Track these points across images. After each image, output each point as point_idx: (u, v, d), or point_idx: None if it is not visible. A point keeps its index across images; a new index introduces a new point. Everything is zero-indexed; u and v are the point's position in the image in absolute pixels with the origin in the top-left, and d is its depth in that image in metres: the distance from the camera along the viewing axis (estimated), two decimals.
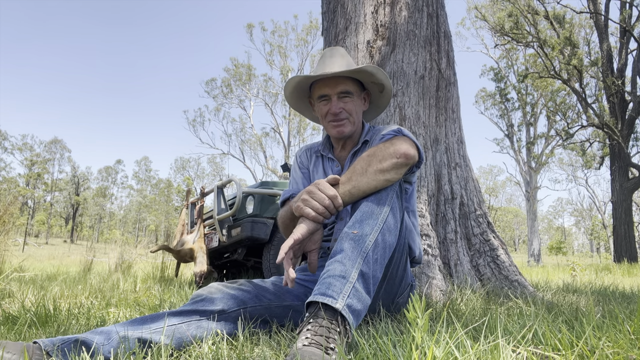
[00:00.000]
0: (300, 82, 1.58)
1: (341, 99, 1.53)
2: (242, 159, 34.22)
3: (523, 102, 25.03)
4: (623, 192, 15.63)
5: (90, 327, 1.50)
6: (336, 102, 1.53)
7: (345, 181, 1.27)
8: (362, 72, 1.53)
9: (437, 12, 3.09)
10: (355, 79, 1.57)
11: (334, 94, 1.52)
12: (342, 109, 1.53)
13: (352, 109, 1.54)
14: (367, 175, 1.26)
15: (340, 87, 1.52)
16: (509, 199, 62.21)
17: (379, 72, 1.53)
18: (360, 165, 1.29)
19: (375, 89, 1.61)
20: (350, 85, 1.54)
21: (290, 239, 1.20)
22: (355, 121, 1.56)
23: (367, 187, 1.26)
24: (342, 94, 1.52)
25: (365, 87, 1.62)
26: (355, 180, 1.26)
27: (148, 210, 60.35)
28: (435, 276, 2.30)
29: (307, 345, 0.95)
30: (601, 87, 18.31)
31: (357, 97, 1.56)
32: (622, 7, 16.57)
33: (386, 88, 1.59)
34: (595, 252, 52.62)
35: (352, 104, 1.54)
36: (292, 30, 32.12)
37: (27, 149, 52.38)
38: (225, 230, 4.05)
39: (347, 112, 1.53)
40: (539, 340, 1.09)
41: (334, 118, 1.53)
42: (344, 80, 1.53)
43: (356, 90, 1.56)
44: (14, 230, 3.92)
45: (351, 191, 1.26)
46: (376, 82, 1.57)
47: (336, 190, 1.26)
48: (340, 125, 1.54)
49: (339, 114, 1.53)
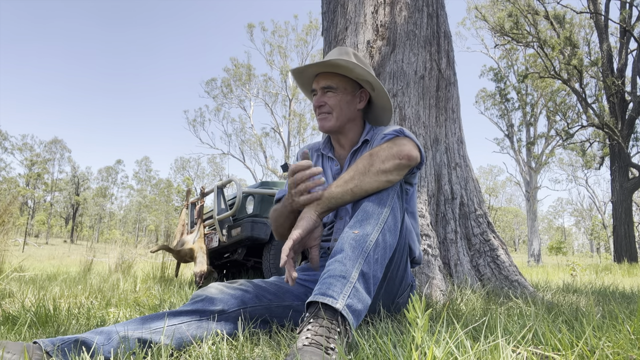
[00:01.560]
0: (296, 75, 1.62)
1: (325, 94, 1.55)
2: (242, 159, 34.23)
3: (523, 102, 25.02)
4: (623, 192, 15.63)
5: (90, 327, 1.50)
6: (319, 96, 1.56)
7: (348, 179, 1.28)
8: (340, 67, 1.51)
9: (437, 12, 3.09)
10: (347, 75, 1.56)
11: (319, 88, 1.56)
12: (325, 102, 1.54)
13: (336, 103, 1.54)
14: (369, 174, 1.27)
15: (323, 82, 1.55)
16: (509, 199, 62.24)
17: (357, 68, 1.50)
18: (362, 165, 1.29)
19: (368, 87, 1.59)
20: (335, 81, 1.54)
21: (290, 240, 1.21)
22: (339, 116, 1.55)
23: (370, 187, 1.26)
24: (325, 88, 1.55)
25: (363, 86, 1.61)
26: (357, 179, 1.27)
27: (148, 210, 60.34)
28: (435, 276, 2.30)
29: (307, 345, 0.95)
30: (601, 87, 18.31)
31: (343, 93, 1.55)
32: (622, 7, 16.57)
33: (375, 86, 1.57)
34: (595, 252, 52.61)
35: (336, 98, 1.54)
36: (292, 31, 32.13)
37: (27, 149, 52.38)
38: (225, 230, 4.05)
39: (330, 106, 1.54)
40: (539, 340, 1.09)
41: (317, 111, 1.57)
42: (330, 75, 1.55)
43: (343, 85, 1.55)
44: (14, 230, 3.92)
45: (353, 190, 1.27)
46: (357, 78, 1.56)
47: (336, 183, 1.29)
48: (322, 119, 1.56)
49: (320, 107, 1.56)
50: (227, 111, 73.74)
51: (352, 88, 1.58)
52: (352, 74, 1.55)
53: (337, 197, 1.27)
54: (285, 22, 34.93)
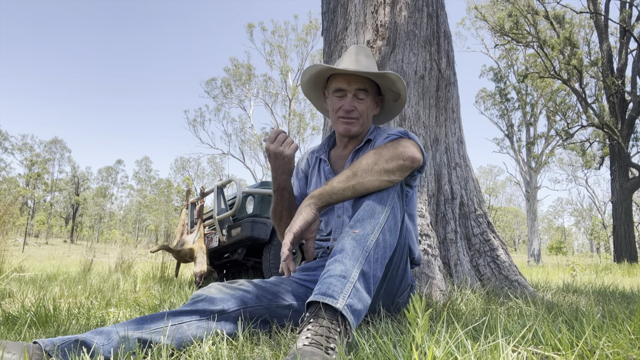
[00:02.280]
0: (322, 71, 1.57)
1: (356, 97, 1.53)
2: (242, 159, 34.23)
3: (523, 102, 25.03)
4: (623, 192, 15.63)
5: (90, 327, 1.50)
6: (351, 100, 1.52)
7: (350, 176, 1.28)
8: (384, 78, 1.52)
9: (437, 12, 3.09)
10: (374, 82, 1.56)
11: (351, 90, 1.52)
12: (355, 107, 1.53)
13: (365, 110, 1.54)
14: (372, 173, 1.27)
15: (357, 85, 1.52)
16: (509, 199, 62.24)
17: (400, 82, 1.52)
18: (366, 162, 1.29)
19: (391, 97, 1.61)
20: (368, 86, 1.54)
21: (290, 234, 1.23)
22: (364, 122, 1.56)
23: (371, 185, 1.27)
24: (359, 91, 1.52)
25: (381, 92, 1.62)
26: (360, 177, 1.27)
27: (148, 210, 60.34)
28: (435, 276, 2.30)
29: (307, 345, 0.95)
30: (601, 87, 18.31)
31: (371, 100, 1.56)
32: (622, 7, 16.57)
33: (401, 98, 1.59)
34: (595, 252, 52.61)
35: (365, 105, 1.54)
36: (292, 30, 32.14)
37: (27, 149, 52.38)
38: (225, 230, 4.05)
39: (358, 112, 1.53)
40: (539, 340, 1.09)
41: (345, 115, 1.53)
42: (364, 79, 1.53)
43: (372, 91, 1.56)
44: (14, 230, 3.92)
45: (355, 187, 1.27)
46: (395, 90, 1.57)
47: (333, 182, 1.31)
48: (349, 123, 1.54)
49: (351, 111, 1.53)
50: (227, 111, 73.77)
51: (374, 94, 1.59)
52: (393, 87, 1.56)
53: (338, 192, 1.28)
54: (285, 22, 34.97)
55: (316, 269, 1.53)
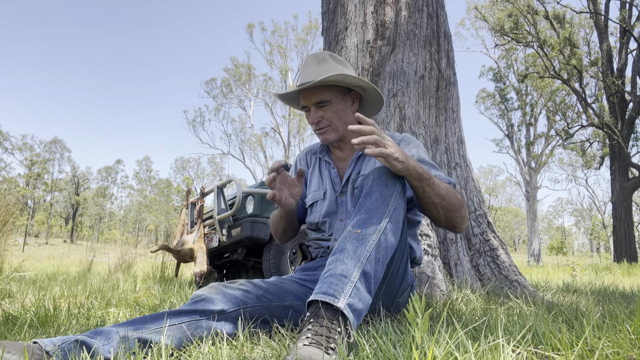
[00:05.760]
0: (287, 96, 1.61)
1: (319, 108, 1.53)
2: (242, 159, 34.24)
3: (523, 102, 25.02)
4: (623, 192, 15.63)
5: (90, 327, 1.50)
6: (314, 112, 1.54)
7: (444, 195, 1.33)
8: (334, 80, 1.49)
9: (437, 12, 3.09)
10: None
11: (311, 104, 1.53)
12: (322, 117, 1.54)
13: (332, 116, 1.54)
14: (454, 211, 1.36)
15: (315, 98, 1.52)
16: (509, 199, 62.21)
17: (347, 78, 1.49)
18: (455, 198, 1.36)
19: (359, 89, 1.59)
20: (327, 94, 1.52)
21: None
22: (338, 126, 1.56)
23: (443, 215, 1.37)
24: (319, 103, 1.53)
25: (352, 88, 1.59)
26: (446, 201, 1.34)
27: (148, 210, 60.33)
28: (435, 276, 2.30)
29: (307, 345, 0.94)
30: (601, 87, 18.31)
31: (337, 103, 1.54)
32: (622, 7, 16.57)
33: (366, 88, 1.56)
34: (595, 252, 52.62)
35: (332, 111, 1.53)
36: (292, 30, 32.14)
37: (27, 149, 52.37)
38: (225, 230, 4.05)
39: (327, 120, 1.54)
40: (539, 340, 1.09)
41: (316, 127, 1.56)
42: (320, 89, 1.52)
43: (335, 96, 1.54)
44: (14, 230, 3.92)
45: (440, 204, 1.34)
46: (350, 85, 1.55)
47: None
48: (323, 133, 1.56)
49: (318, 123, 1.54)
50: (227, 111, 73.80)
51: (342, 95, 1.57)
52: (343, 84, 1.54)
53: (427, 184, 1.29)
54: (285, 22, 34.97)
55: (316, 269, 1.53)
